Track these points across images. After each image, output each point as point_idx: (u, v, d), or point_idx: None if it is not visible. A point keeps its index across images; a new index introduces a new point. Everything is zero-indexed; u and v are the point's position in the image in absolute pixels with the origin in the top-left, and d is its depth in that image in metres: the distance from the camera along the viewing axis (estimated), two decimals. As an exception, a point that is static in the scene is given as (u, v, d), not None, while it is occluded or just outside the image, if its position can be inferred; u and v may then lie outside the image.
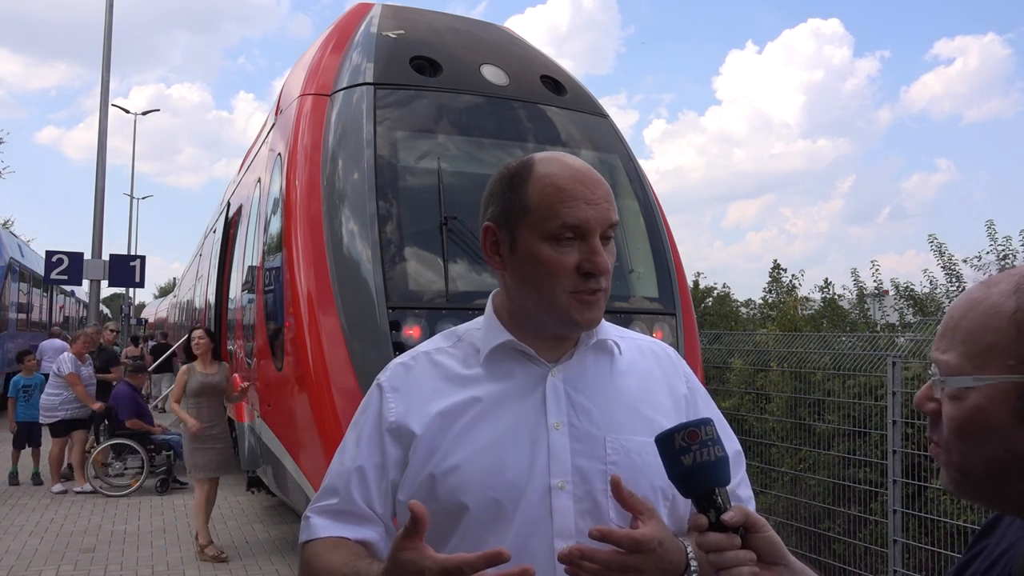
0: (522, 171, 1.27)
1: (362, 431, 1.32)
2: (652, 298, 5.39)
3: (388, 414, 1.30)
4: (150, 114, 40.39)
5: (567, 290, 1.22)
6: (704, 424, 1.09)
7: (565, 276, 1.22)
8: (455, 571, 1.00)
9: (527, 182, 1.25)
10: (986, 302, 0.88)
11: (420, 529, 1.03)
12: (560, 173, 1.24)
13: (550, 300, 1.24)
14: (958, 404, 0.89)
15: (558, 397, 1.27)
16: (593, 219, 1.21)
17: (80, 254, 12.38)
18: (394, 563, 1.05)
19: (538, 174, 1.25)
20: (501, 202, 1.28)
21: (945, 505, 5.13)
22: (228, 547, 6.61)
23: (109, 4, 13.08)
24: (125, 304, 34.84)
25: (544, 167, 1.26)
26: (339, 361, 4.42)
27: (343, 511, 1.29)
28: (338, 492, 1.30)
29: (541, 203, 1.22)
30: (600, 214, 1.22)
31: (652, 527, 1.10)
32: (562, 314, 1.24)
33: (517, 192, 1.26)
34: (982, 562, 1.02)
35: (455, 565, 1.00)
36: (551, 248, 1.22)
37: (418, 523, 1.03)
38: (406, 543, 1.04)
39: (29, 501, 8.26)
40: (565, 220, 1.21)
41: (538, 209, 1.23)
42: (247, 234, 7.24)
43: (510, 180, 1.28)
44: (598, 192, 1.23)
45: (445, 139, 5.25)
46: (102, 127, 13.06)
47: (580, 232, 1.21)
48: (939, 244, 8.47)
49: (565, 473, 1.22)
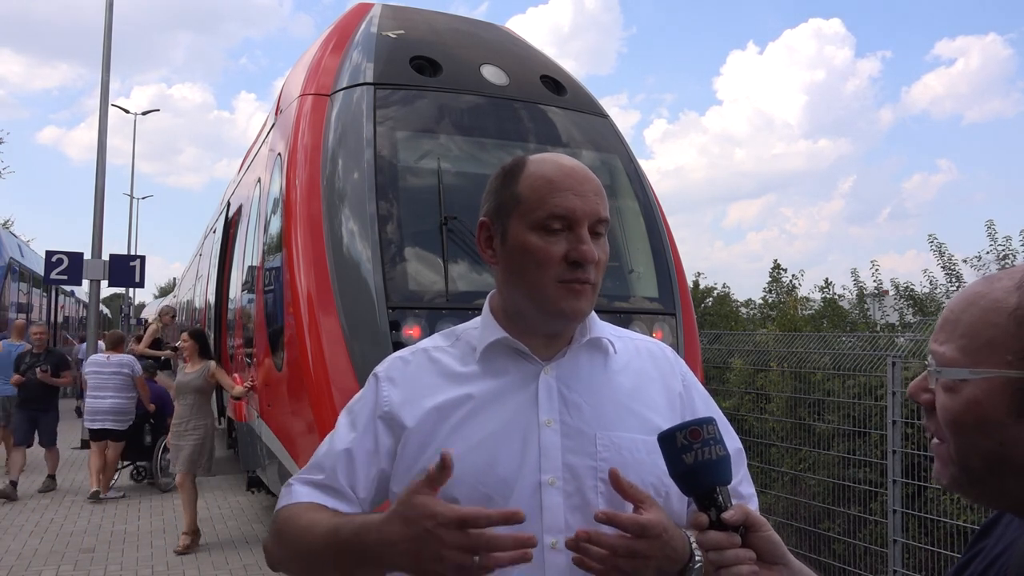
0: (515, 168, 1.31)
1: (356, 417, 1.34)
2: (652, 298, 5.39)
3: (382, 402, 1.31)
4: (152, 114, 40.43)
5: (554, 279, 1.23)
6: (706, 423, 1.10)
7: (553, 265, 1.23)
8: (471, 521, 1.01)
9: (519, 177, 1.28)
10: (988, 297, 0.88)
11: (445, 477, 1.04)
12: (551, 168, 1.27)
13: (538, 290, 1.25)
14: (952, 396, 0.89)
15: (550, 394, 1.28)
16: (580, 210, 1.23)
17: (80, 254, 12.37)
18: (406, 505, 1.06)
19: (530, 170, 1.28)
20: (495, 198, 1.31)
21: (945, 505, 5.13)
22: (228, 547, 6.62)
23: (109, 4, 13.09)
24: (125, 304, 34.86)
25: (536, 164, 1.29)
26: (339, 361, 4.42)
27: (326, 486, 1.29)
28: (324, 469, 1.31)
29: (531, 194, 1.25)
30: (588, 206, 1.24)
31: (655, 513, 1.11)
32: (549, 304, 1.25)
33: (509, 187, 1.29)
34: (980, 563, 1.02)
35: (472, 516, 1.01)
36: (539, 237, 1.24)
37: (445, 470, 1.04)
38: (423, 487, 1.05)
39: (29, 501, 8.26)
40: (552, 210, 1.23)
41: (527, 200, 1.25)
42: (247, 234, 7.24)
43: (504, 177, 1.31)
44: (587, 185, 1.25)
45: (445, 139, 5.25)
46: (102, 127, 13.06)
47: (568, 222, 1.23)
48: (939, 244, 8.50)
49: (556, 469, 1.23)
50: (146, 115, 37.23)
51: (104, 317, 25.42)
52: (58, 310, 23.88)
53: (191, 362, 6.90)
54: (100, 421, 8.19)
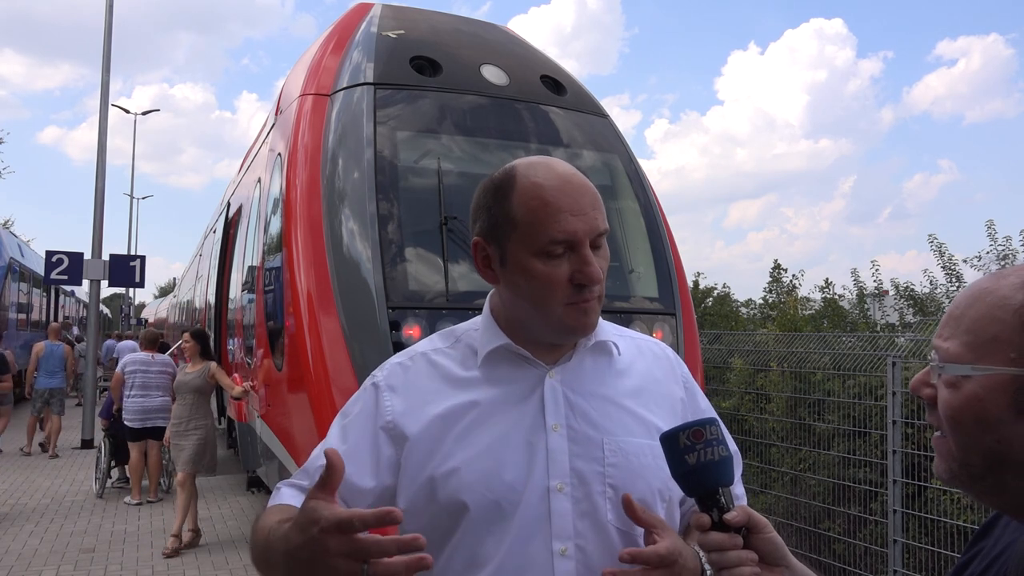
0: (505, 183, 1.25)
1: (348, 428, 1.30)
2: (652, 298, 5.39)
3: (384, 412, 1.28)
4: (154, 114, 40.41)
5: (562, 302, 1.22)
6: (709, 423, 1.09)
7: (558, 289, 1.21)
8: (346, 524, 0.96)
9: (511, 194, 1.23)
10: (995, 293, 0.88)
11: (333, 479, 1.00)
12: (544, 183, 1.21)
13: (545, 313, 1.23)
14: (954, 392, 0.89)
15: (556, 399, 1.26)
16: (581, 231, 1.20)
17: (80, 254, 12.37)
18: (301, 511, 1.02)
19: (521, 186, 1.22)
20: (487, 216, 1.26)
21: (945, 505, 5.13)
22: (228, 547, 6.61)
23: (109, 5, 13.09)
24: (125, 304, 34.88)
25: (527, 177, 1.23)
26: (339, 361, 4.41)
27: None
28: (310, 475, 1.29)
29: (527, 217, 1.20)
30: (588, 224, 1.20)
31: (669, 539, 1.13)
32: (558, 324, 1.24)
33: (502, 205, 1.24)
34: (979, 563, 1.02)
35: (347, 518, 0.96)
36: (542, 263, 1.20)
37: (332, 473, 1.00)
38: (317, 492, 1.00)
39: (29, 501, 8.26)
40: (553, 236, 1.19)
41: (525, 224, 1.21)
42: (247, 234, 7.24)
43: (494, 192, 1.26)
44: (584, 200, 1.21)
45: (445, 139, 5.25)
46: (102, 127, 13.06)
47: (569, 244, 1.20)
48: (939, 244, 8.49)
49: (563, 475, 1.22)
50: (146, 115, 37.26)
51: (104, 317, 25.42)
52: (58, 310, 23.87)
53: (192, 362, 6.91)
54: (152, 420, 7.98)
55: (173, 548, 6.41)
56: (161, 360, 8.34)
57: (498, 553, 1.19)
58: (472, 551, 1.21)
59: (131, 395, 7.97)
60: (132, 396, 7.97)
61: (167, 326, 26.43)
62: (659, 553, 1.10)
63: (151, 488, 8.39)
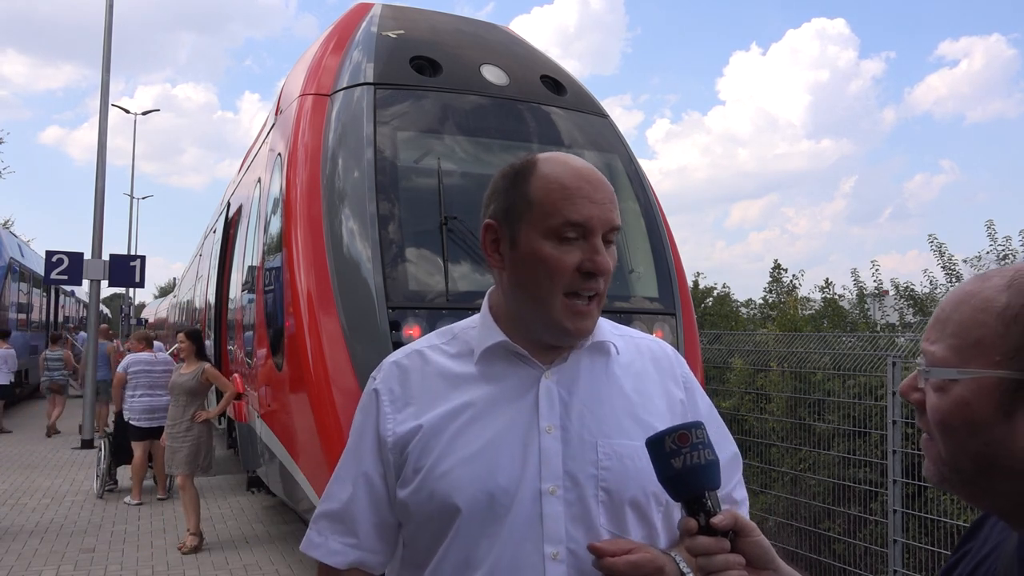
0: (525, 168, 1.26)
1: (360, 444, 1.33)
2: (652, 298, 5.39)
3: (385, 419, 1.29)
4: (156, 114, 40.45)
5: (564, 290, 1.20)
6: (695, 427, 1.08)
7: (565, 275, 1.20)
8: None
9: (530, 179, 1.24)
10: (979, 296, 0.88)
11: None
12: (564, 171, 1.23)
13: (545, 302, 1.22)
14: (942, 396, 0.88)
15: (551, 400, 1.25)
16: (596, 218, 1.20)
17: (80, 254, 12.37)
18: None
19: (541, 171, 1.23)
20: (503, 199, 1.27)
21: (945, 505, 5.13)
22: (228, 547, 6.61)
23: (109, 5, 13.08)
24: (125, 304, 34.87)
25: (548, 165, 1.24)
26: (339, 361, 4.41)
27: (361, 547, 1.32)
28: (356, 532, 1.32)
29: (544, 199, 1.21)
30: (604, 214, 1.21)
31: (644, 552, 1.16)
32: (555, 321, 1.22)
33: (520, 188, 1.24)
34: (967, 564, 1.02)
35: None
36: (553, 246, 1.20)
37: None
38: None
39: (29, 501, 8.26)
40: (569, 217, 1.19)
41: (541, 205, 1.21)
42: (247, 234, 7.23)
43: (513, 177, 1.26)
44: (602, 192, 1.22)
45: (445, 139, 5.25)
46: (102, 127, 13.05)
47: (583, 230, 1.20)
48: (939, 244, 8.49)
49: (556, 478, 1.21)
50: (146, 115, 37.26)
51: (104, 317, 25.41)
52: (58, 310, 23.87)
53: (187, 363, 6.94)
54: (159, 419, 7.90)
55: (191, 546, 6.42)
56: (164, 359, 8.43)
57: (490, 556, 1.18)
58: (465, 553, 1.20)
59: (138, 395, 8.04)
60: (139, 396, 8.05)
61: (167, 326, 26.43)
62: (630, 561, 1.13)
63: (159, 486, 8.44)
